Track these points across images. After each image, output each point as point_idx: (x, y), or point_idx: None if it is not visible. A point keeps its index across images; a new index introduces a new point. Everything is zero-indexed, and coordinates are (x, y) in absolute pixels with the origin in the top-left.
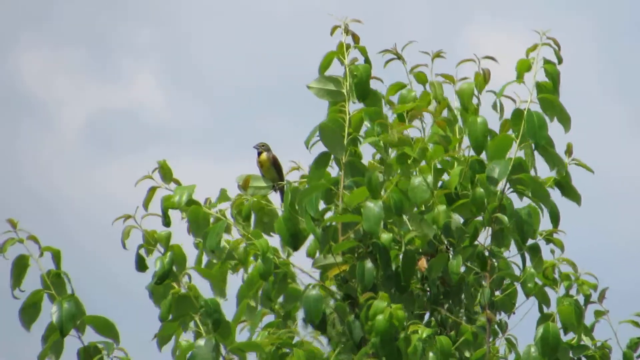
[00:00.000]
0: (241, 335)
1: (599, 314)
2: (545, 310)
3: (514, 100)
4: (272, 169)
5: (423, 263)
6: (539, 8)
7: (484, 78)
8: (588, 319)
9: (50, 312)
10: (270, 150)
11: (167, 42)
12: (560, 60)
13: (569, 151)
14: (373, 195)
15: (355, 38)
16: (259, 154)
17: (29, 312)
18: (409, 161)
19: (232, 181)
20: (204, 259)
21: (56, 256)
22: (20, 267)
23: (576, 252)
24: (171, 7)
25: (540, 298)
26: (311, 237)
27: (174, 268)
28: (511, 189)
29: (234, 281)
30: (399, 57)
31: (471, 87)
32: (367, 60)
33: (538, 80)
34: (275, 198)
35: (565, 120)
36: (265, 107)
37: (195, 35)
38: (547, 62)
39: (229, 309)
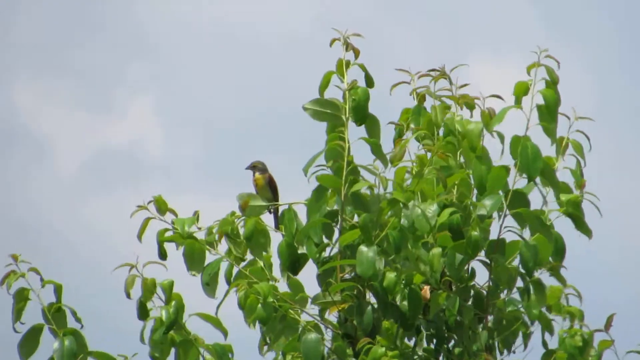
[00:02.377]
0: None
1: (604, 344)
2: (548, 340)
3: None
4: (267, 189)
5: (426, 292)
6: (536, 42)
7: (489, 117)
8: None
9: (48, 345)
10: (266, 170)
11: (162, 76)
12: (555, 81)
13: (581, 186)
14: (367, 239)
15: (356, 52)
16: (254, 173)
17: (28, 345)
18: (400, 205)
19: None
20: None
21: (58, 289)
22: (20, 300)
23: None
24: (165, 42)
25: (544, 325)
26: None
27: None
28: (507, 229)
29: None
30: (446, 77)
31: (479, 127)
32: (367, 77)
33: (538, 104)
34: (268, 219)
35: (559, 149)
36: (263, 139)
37: (189, 68)
38: (548, 84)
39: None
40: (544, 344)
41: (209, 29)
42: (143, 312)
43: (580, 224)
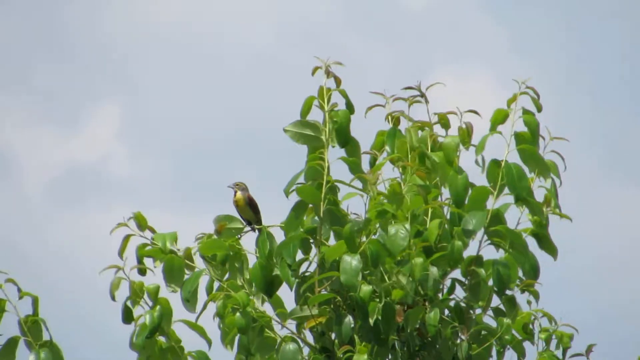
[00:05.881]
0: None
1: None
2: None
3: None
4: (248, 209)
5: (400, 313)
6: (496, 55)
7: (467, 132)
8: None
9: (23, 358)
10: (246, 190)
11: (128, 93)
12: (539, 109)
13: (546, 202)
14: (350, 248)
15: (337, 80)
16: (235, 193)
17: (4, 358)
18: (388, 215)
19: (194, 234)
20: None
21: (35, 301)
22: None
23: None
24: (130, 58)
25: (515, 350)
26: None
27: None
28: (488, 241)
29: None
30: (422, 95)
31: (456, 141)
32: (348, 104)
33: (516, 131)
34: (248, 241)
35: (544, 172)
36: (229, 157)
37: (156, 85)
38: (525, 112)
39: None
40: None
41: (176, 44)
42: (128, 316)
43: (546, 243)
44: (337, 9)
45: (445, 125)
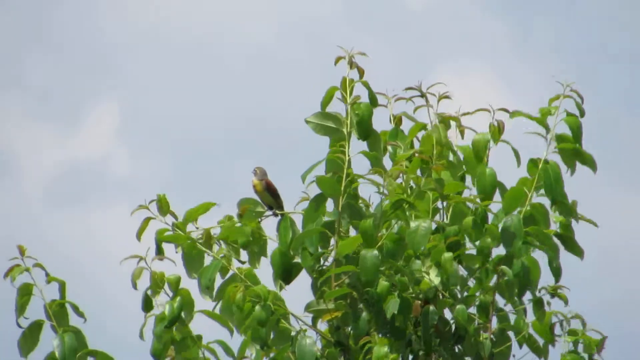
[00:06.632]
0: None
1: None
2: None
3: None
4: (267, 194)
5: (417, 308)
6: (503, 54)
7: (498, 130)
8: None
9: (49, 342)
10: (265, 174)
11: (128, 91)
12: (582, 113)
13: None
14: (368, 244)
15: (360, 71)
16: (253, 178)
17: (28, 341)
18: (405, 206)
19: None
20: None
21: (62, 286)
22: (24, 294)
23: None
24: (129, 60)
25: (534, 351)
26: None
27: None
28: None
29: None
30: (423, 95)
31: (486, 138)
32: (371, 96)
33: (557, 133)
34: (269, 226)
35: (590, 163)
36: (229, 157)
37: (155, 83)
38: (569, 114)
39: None
40: None
41: (176, 44)
42: (148, 305)
43: (572, 245)
44: (338, 8)
45: (446, 126)
